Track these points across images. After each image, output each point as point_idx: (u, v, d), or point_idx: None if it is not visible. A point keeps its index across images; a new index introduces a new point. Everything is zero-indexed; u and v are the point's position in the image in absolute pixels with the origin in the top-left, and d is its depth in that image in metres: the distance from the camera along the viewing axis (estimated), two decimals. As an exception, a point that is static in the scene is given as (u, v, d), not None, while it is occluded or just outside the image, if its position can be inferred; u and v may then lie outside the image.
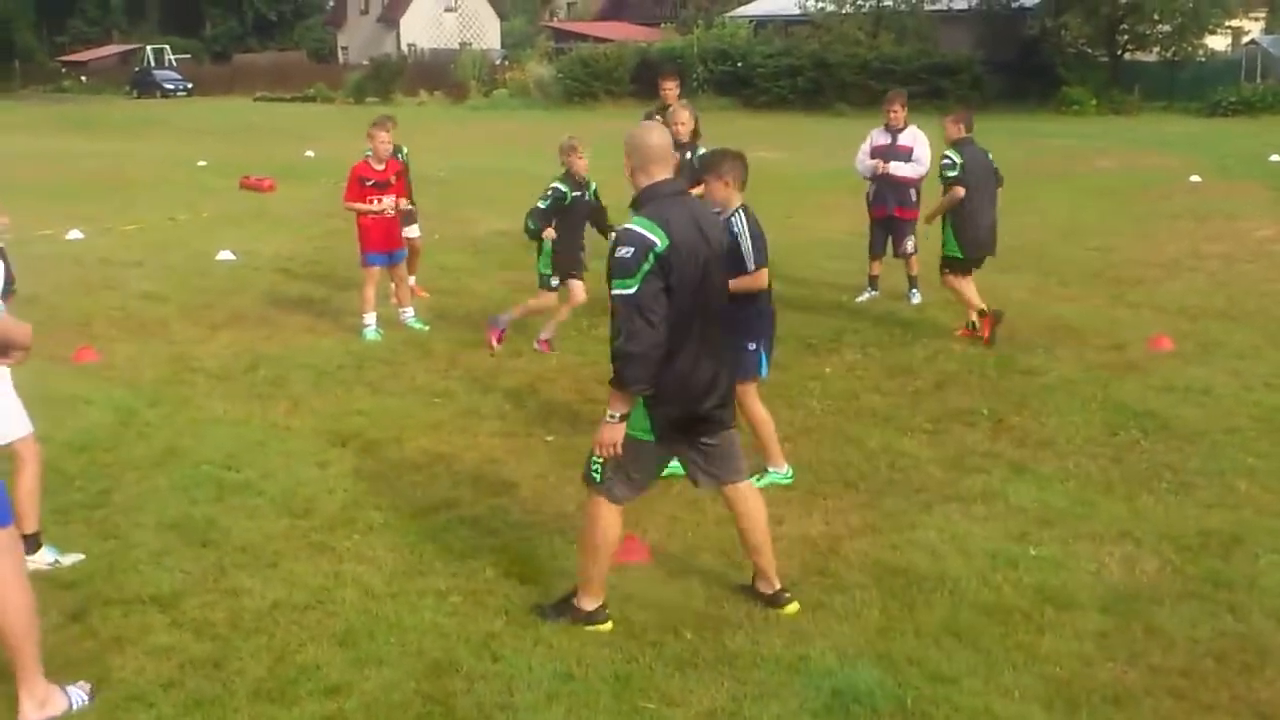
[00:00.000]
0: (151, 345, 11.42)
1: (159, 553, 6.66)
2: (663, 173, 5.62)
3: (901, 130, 12.95)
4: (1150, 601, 6.13)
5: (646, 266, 5.38)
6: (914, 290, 13.18)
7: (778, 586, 6.09)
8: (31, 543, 6.21)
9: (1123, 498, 7.54)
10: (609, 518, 5.80)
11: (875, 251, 13.33)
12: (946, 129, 11.70)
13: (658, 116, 11.54)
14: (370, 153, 11.69)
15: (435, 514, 7.26)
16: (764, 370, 7.80)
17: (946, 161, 11.48)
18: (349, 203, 11.71)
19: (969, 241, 11.40)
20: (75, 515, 7.16)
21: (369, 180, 11.61)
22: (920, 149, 12.87)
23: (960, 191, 11.29)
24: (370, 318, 11.68)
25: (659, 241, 5.39)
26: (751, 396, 7.71)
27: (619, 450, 5.60)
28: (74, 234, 17.97)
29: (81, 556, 6.54)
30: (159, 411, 9.31)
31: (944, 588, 6.26)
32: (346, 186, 11.71)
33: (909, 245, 13.08)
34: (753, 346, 7.58)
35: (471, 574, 6.40)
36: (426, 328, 11.98)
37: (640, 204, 5.58)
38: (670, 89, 12.88)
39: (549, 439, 8.68)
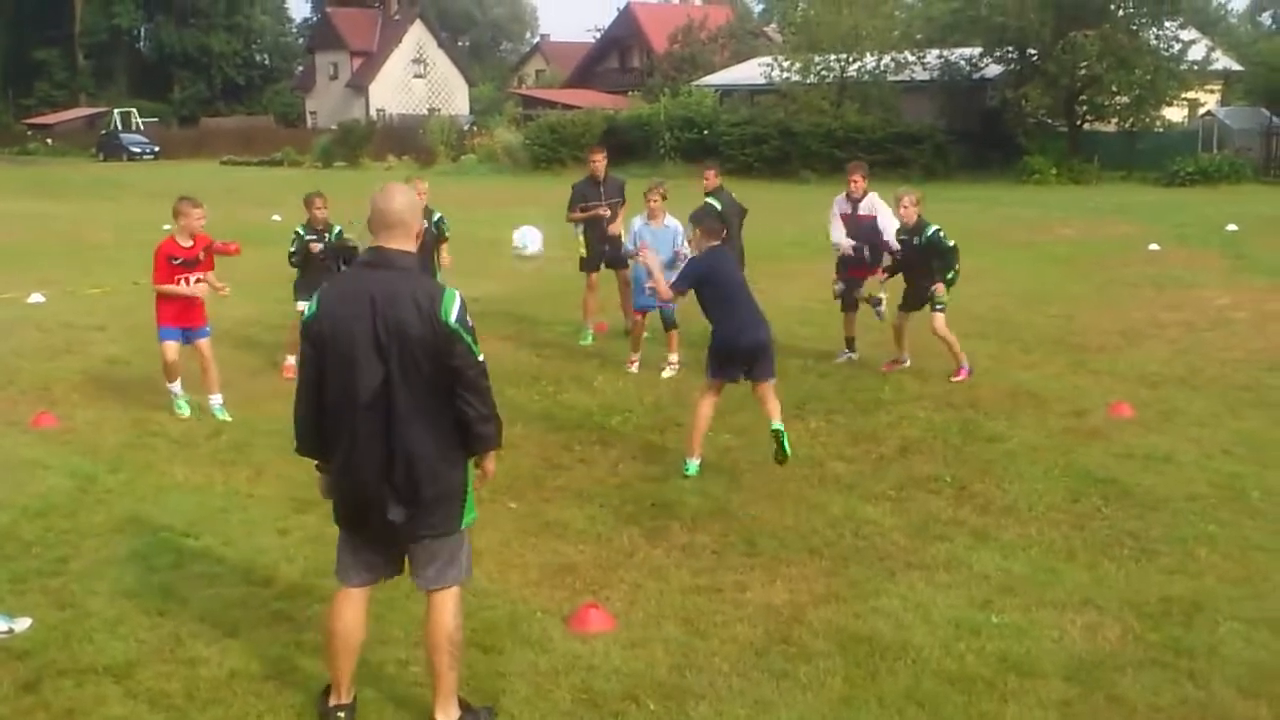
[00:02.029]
0: (113, 410, 11.34)
1: (115, 621, 6.58)
2: (390, 240, 5.26)
3: (860, 199, 13.16)
4: (1113, 669, 6.14)
5: (301, 334, 5.38)
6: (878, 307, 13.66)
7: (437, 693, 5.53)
8: (-15, 612, 6.15)
9: (1085, 565, 7.56)
10: (335, 603, 5.55)
11: (850, 309, 13.46)
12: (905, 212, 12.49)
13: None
14: (175, 228, 11.05)
15: (397, 584, 7.16)
16: (708, 374, 9.53)
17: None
18: (157, 285, 10.92)
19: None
20: (31, 583, 7.08)
21: (176, 259, 10.85)
22: (883, 218, 13.05)
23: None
24: (175, 386, 11.16)
25: (307, 311, 5.33)
26: (703, 394, 9.53)
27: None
28: (36, 297, 17.88)
29: (30, 621, 6.45)
30: (119, 478, 9.24)
31: (907, 656, 6.26)
32: (154, 267, 10.91)
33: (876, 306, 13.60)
34: (709, 353, 9.54)
35: (433, 643, 6.34)
36: (229, 419, 11.15)
37: None
38: (598, 161, 14.50)
39: (512, 506, 8.65)
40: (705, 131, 48.73)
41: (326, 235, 12.70)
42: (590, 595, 6.98)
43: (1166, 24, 42.67)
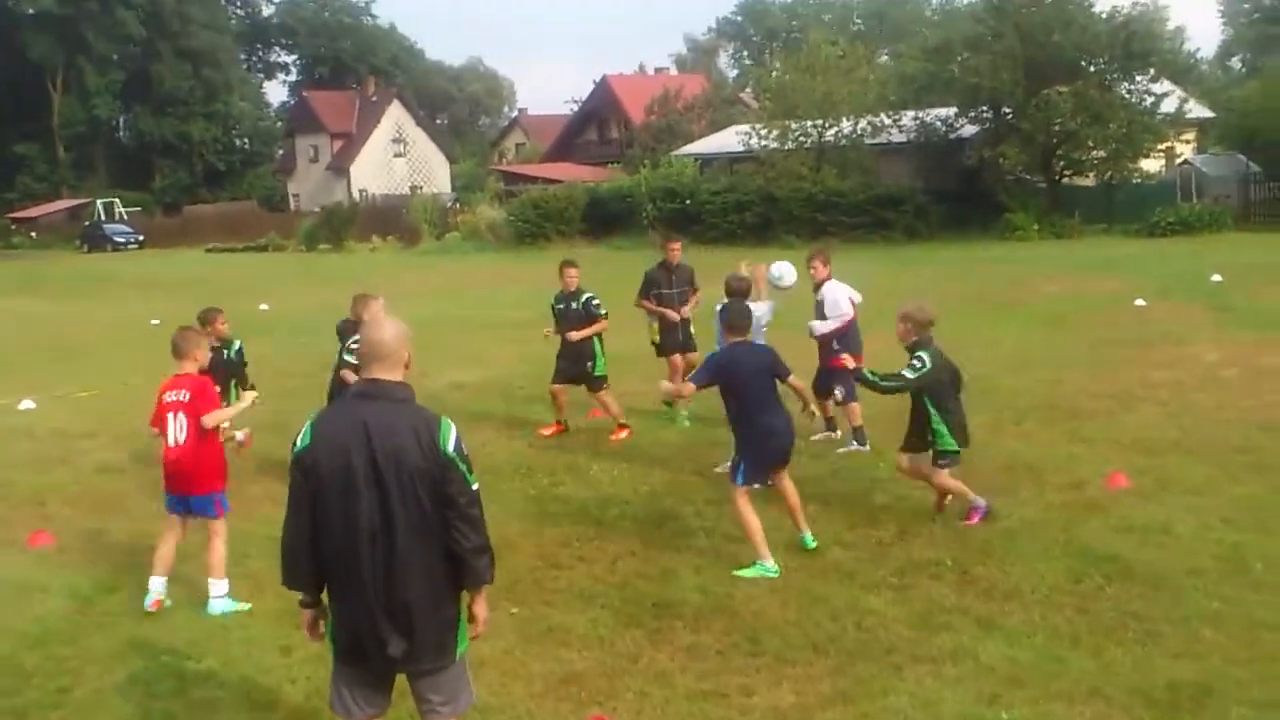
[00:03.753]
0: (109, 523, 11.30)
1: (120, 756, 6.53)
2: (382, 371, 5.32)
3: (819, 285, 13.40)
4: (1125, 764, 6.12)
5: (292, 463, 5.37)
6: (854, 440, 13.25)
7: None
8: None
9: (1090, 651, 7.54)
10: None
11: (821, 392, 13.32)
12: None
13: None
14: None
15: (401, 701, 7.13)
16: (738, 479, 9.45)
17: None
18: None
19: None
20: (32, 718, 7.01)
21: None
22: (829, 305, 13.21)
23: None
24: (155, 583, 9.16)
25: (299, 442, 5.34)
26: (739, 502, 9.39)
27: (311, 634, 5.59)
28: (26, 404, 17.87)
29: None
30: (118, 598, 9.19)
31: (919, 760, 6.22)
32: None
33: (838, 394, 13.14)
34: (736, 456, 9.56)
35: (440, 765, 6.28)
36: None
37: None
38: (675, 250, 15.14)
39: (513, 611, 8.61)
40: (687, 201, 48.94)
41: (225, 351, 12.75)
42: (596, 707, 6.94)
43: (1138, 78, 43.07)
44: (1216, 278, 26.98)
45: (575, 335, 14.04)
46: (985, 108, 44.41)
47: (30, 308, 35.78)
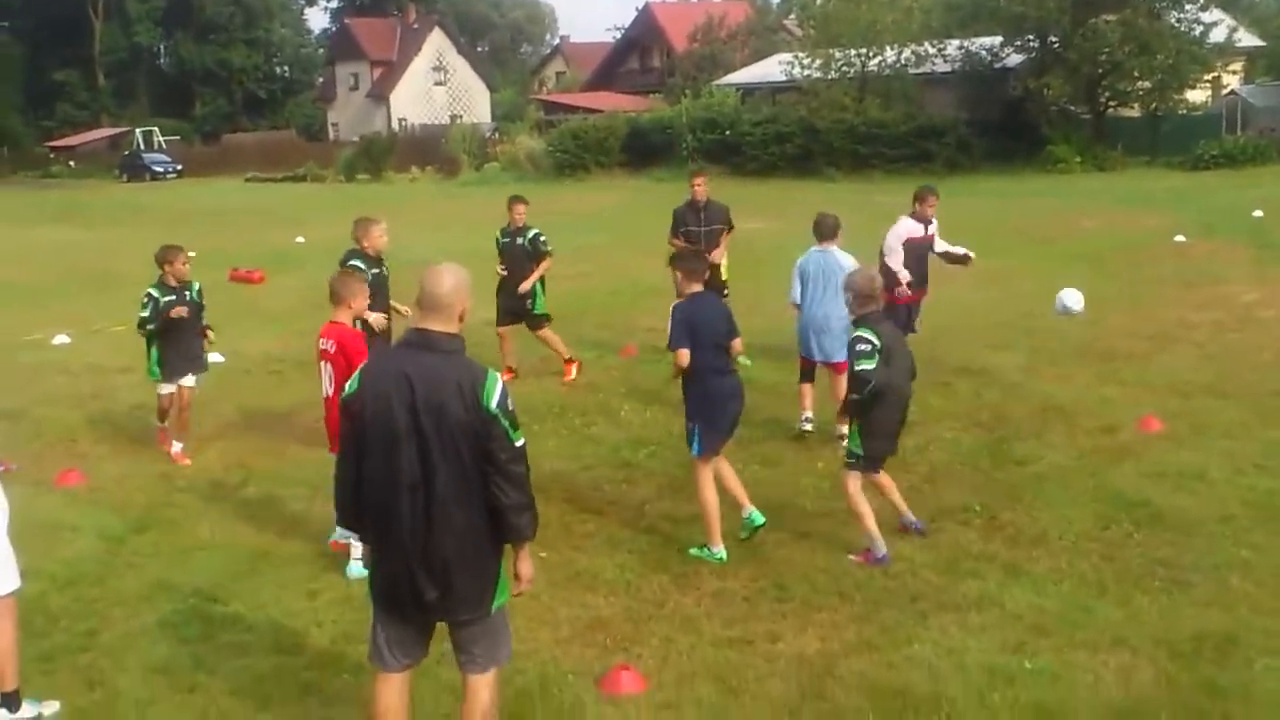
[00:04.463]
0: (140, 463, 11.36)
1: (146, 702, 6.60)
2: (434, 321, 5.27)
3: (932, 222, 13.00)
4: (1148, 716, 6.12)
5: (340, 408, 5.47)
6: None
7: None
8: (13, 701, 6.15)
9: (1117, 600, 7.50)
10: (376, 688, 5.53)
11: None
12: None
13: None
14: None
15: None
16: (694, 448, 8.51)
17: None
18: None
19: None
20: (60, 661, 7.09)
21: None
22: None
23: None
24: None
25: (348, 386, 5.38)
26: (699, 475, 8.54)
27: None
28: (61, 338, 17.94)
29: (58, 705, 6.46)
30: (147, 538, 9.26)
31: (941, 710, 6.23)
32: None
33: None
34: (690, 424, 8.54)
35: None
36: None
37: None
38: (699, 186, 14.29)
39: (542, 555, 8.59)
40: (728, 132, 48.59)
41: (187, 294, 11.37)
42: (622, 653, 6.96)
43: (1187, 6, 42.32)
44: (1259, 213, 26.62)
45: (524, 286, 13.88)
46: (1031, 37, 43.83)
47: (68, 237, 35.98)
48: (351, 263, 10.93)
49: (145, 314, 11.18)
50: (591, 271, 21.90)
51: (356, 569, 8.20)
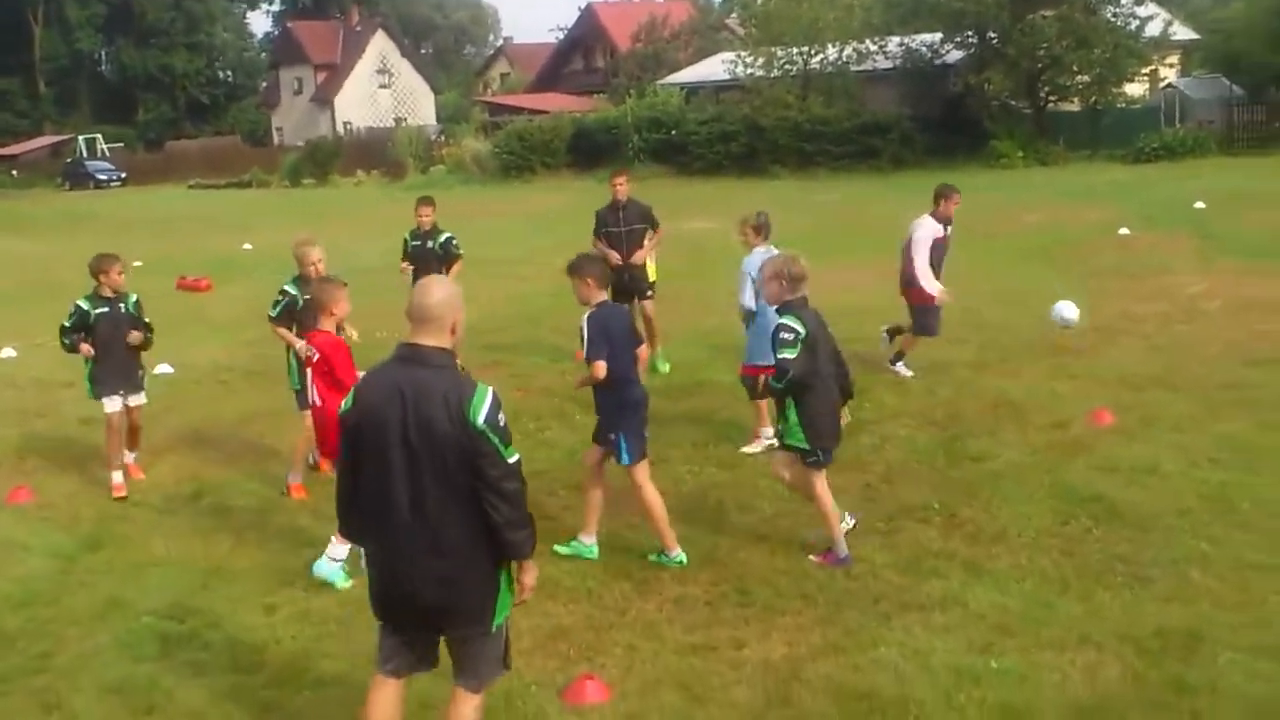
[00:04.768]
0: (91, 477, 11.16)
1: (103, 723, 6.49)
2: (425, 335, 5.20)
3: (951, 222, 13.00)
4: (1115, 714, 6.14)
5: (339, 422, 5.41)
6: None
7: None
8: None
9: (1079, 596, 7.52)
10: (370, 691, 5.52)
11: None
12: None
13: None
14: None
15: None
16: (624, 458, 8.33)
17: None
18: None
19: None
20: (15, 683, 6.96)
21: None
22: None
23: None
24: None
25: (344, 402, 5.37)
26: (636, 479, 8.39)
27: None
28: (7, 352, 17.67)
29: None
30: (100, 556, 9.11)
31: (908, 713, 6.22)
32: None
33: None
34: (613, 436, 8.34)
35: (429, 730, 6.26)
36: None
37: None
38: (619, 186, 13.95)
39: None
40: (673, 131, 48.62)
41: (122, 306, 10.69)
42: (585, 663, 6.90)
43: (1122, 1, 42.75)
44: (1200, 204, 26.92)
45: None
46: (970, 33, 44.13)
47: (10, 247, 35.48)
48: (283, 287, 10.48)
49: (66, 324, 10.56)
50: (541, 274, 21.76)
51: (325, 569, 8.21)
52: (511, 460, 5.15)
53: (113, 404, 10.69)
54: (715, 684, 6.63)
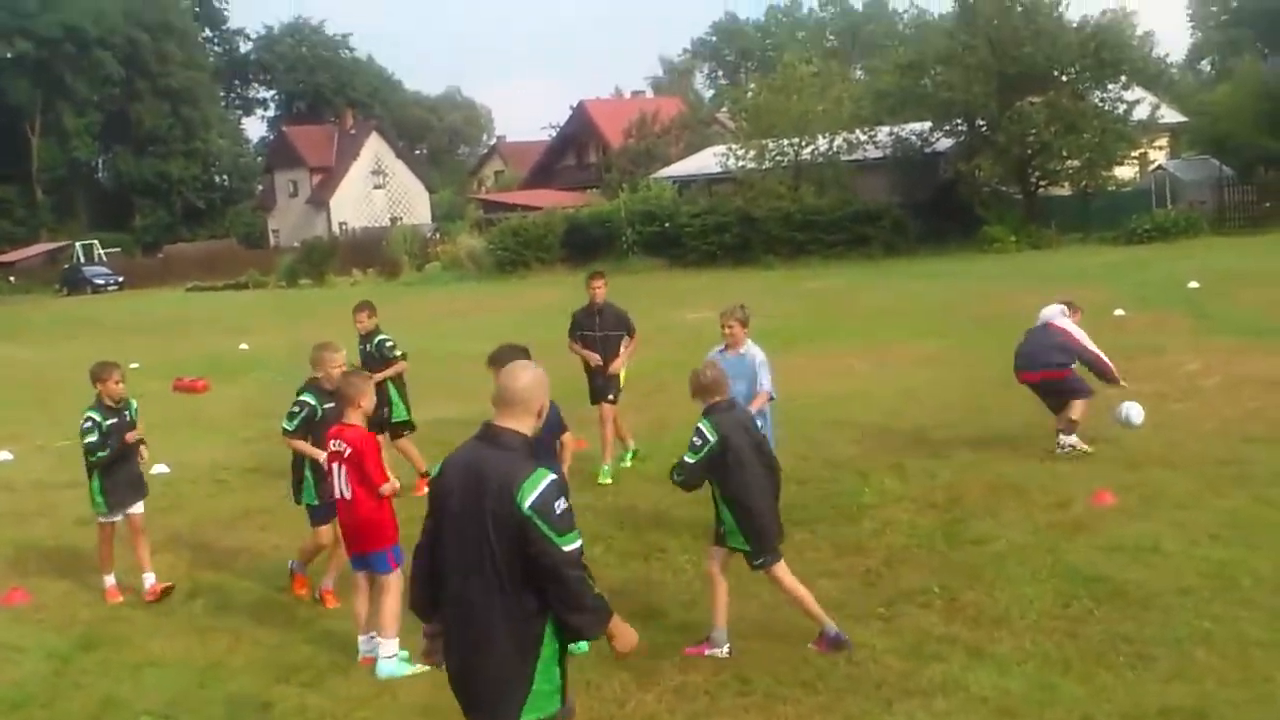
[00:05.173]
0: (86, 579, 11.10)
1: (98, 827, 6.40)
2: (506, 418, 5.26)
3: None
4: (1121, 796, 6.04)
5: None
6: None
7: None
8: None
9: (1081, 677, 7.47)
10: None
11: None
12: None
13: None
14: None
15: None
16: None
17: None
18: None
19: None
20: (10, 789, 6.89)
21: None
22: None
23: None
24: None
25: (436, 469, 5.46)
26: None
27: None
28: (4, 455, 17.68)
29: None
30: (95, 657, 9.05)
31: (912, 799, 6.13)
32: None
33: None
34: None
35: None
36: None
37: None
38: (597, 288, 13.82)
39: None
40: (666, 224, 48.90)
41: (126, 414, 10.52)
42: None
43: (1110, 86, 43.28)
44: (1194, 284, 27.05)
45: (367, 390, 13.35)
46: (959, 121, 44.62)
47: (8, 353, 35.54)
48: (301, 398, 10.03)
49: (93, 439, 10.17)
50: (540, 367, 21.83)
51: (387, 668, 8.25)
52: (567, 548, 5.05)
53: (114, 518, 10.49)
54: (717, 774, 6.56)
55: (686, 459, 8.12)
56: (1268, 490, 11.03)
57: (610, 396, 13.80)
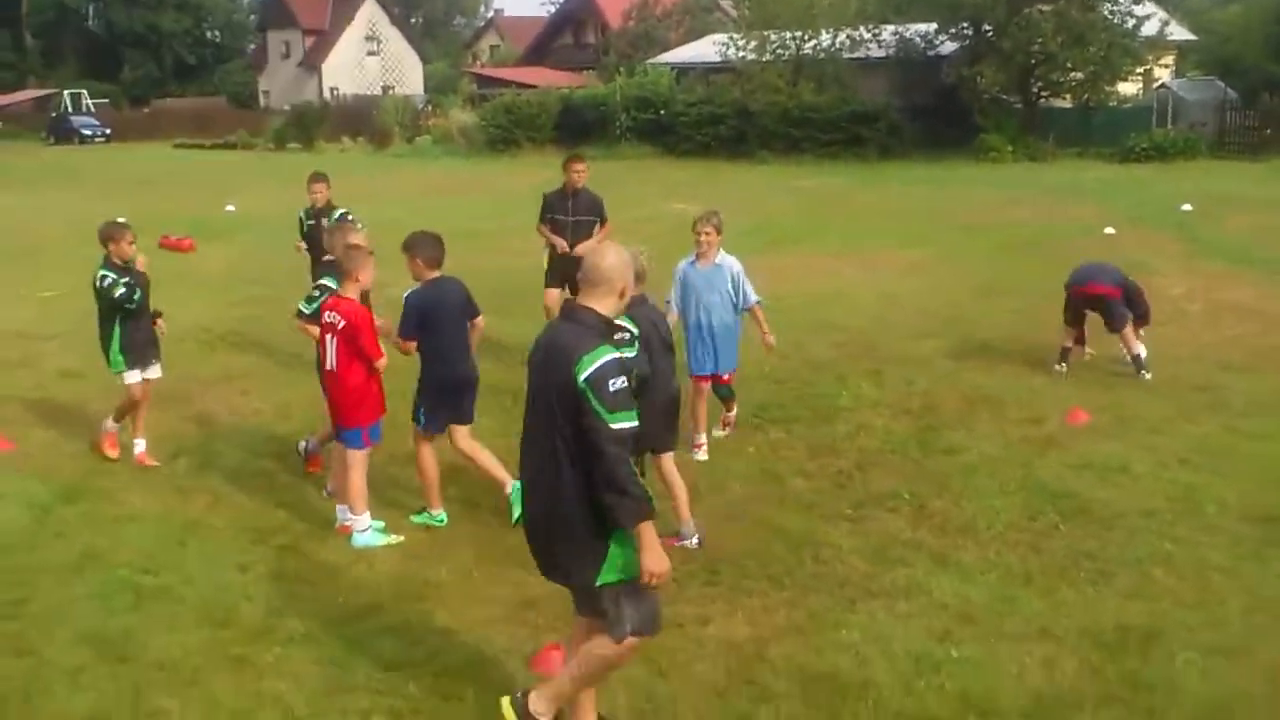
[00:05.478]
0: (69, 430, 11.22)
1: (75, 670, 6.56)
2: (589, 296, 5.48)
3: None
4: (1071, 707, 6.22)
5: None
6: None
7: None
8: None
9: (1042, 591, 7.62)
10: None
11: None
12: None
13: None
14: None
15: (358, 622, 7.20)
16: (421, 425, 8.84)
17: None
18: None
19: None
20: (-12, 630, 7.03)
21: None
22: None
23: None
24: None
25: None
26: (419, 447, 8.86)
27: None
28: (-14, 304, 17.67)
29: None
30: (77, 508, 9.17)
31: (868, 696, 6.31)
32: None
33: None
34: (418, 404, 8.86)
35: (394, 689, 6.36)
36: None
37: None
38: (578, 172, 13.44)
39: (475, 574, 8.59)
40: (661, 111, 48.51)
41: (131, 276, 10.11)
42: (553, 633, 6.97)
43: (1120, -1, 42.82)
44: (1186, 207, 27.01)
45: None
46: (965, 24, 44.05)
47: (-5, 200, 35.33)
48: (321, 281, 9.73)
49: (123, 291, 9.84)
50: (526, 250, 21.75)
51: (362, 539, 8.43)
52: (615, 426, 5.19)
53: (136, 376, 10.19)
54: (679, 659, 6.72)
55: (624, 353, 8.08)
56: (1240, 419, 11.16)
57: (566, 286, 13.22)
